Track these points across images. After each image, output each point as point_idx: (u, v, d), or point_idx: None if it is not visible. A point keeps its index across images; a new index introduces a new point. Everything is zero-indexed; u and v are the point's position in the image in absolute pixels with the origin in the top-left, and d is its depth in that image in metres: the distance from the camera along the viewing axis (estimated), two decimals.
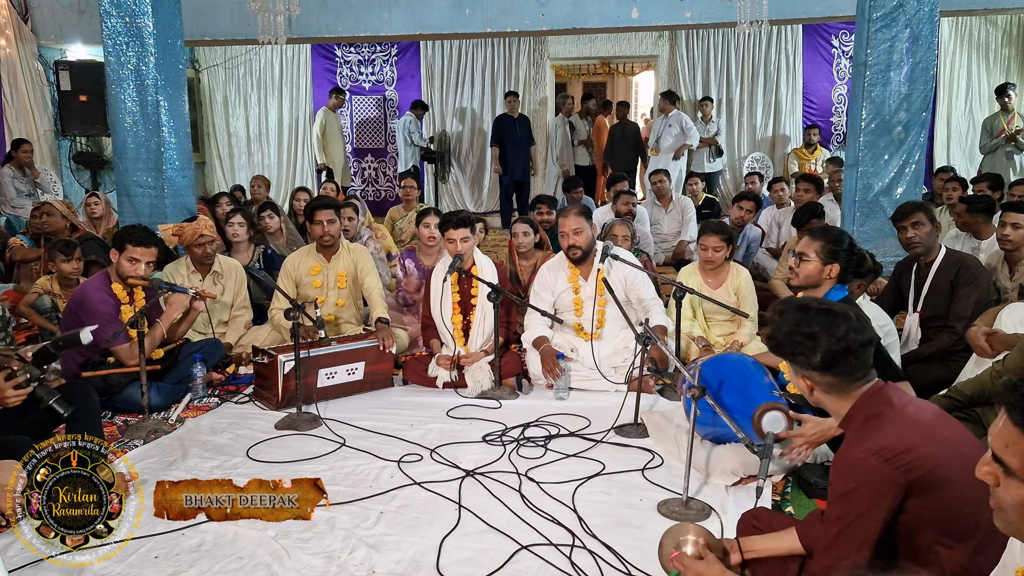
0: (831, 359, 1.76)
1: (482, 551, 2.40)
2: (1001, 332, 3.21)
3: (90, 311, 3.63)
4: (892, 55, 4.99)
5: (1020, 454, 1.17)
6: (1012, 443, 1.18)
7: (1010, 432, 1.19)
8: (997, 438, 1.21)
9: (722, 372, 3.01)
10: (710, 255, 4.27)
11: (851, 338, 1.74)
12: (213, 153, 11.41)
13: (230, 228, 5.17)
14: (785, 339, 1.84)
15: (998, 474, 1.21)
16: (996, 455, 1.21)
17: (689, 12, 7.92)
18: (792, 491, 2.83)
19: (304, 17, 7.71)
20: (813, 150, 9.39)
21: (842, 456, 1.72)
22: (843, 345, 1.74)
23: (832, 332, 1.76)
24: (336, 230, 4.39)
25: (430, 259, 4.90)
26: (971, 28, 9.96)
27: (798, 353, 1.81)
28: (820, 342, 1.76)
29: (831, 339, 1.75)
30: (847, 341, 1.74)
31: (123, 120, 5.61)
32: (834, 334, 1.75)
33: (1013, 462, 1.18)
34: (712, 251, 4.26)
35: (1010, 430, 1.19)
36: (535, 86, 10.65)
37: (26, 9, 8.68)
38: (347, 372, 3.90)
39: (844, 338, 1.74)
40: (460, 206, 10.51)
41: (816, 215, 5.24)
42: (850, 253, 2.99)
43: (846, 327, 1.75)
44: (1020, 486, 1.18)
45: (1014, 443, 1.18)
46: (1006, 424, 1.19)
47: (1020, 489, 1.18)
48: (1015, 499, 1.19)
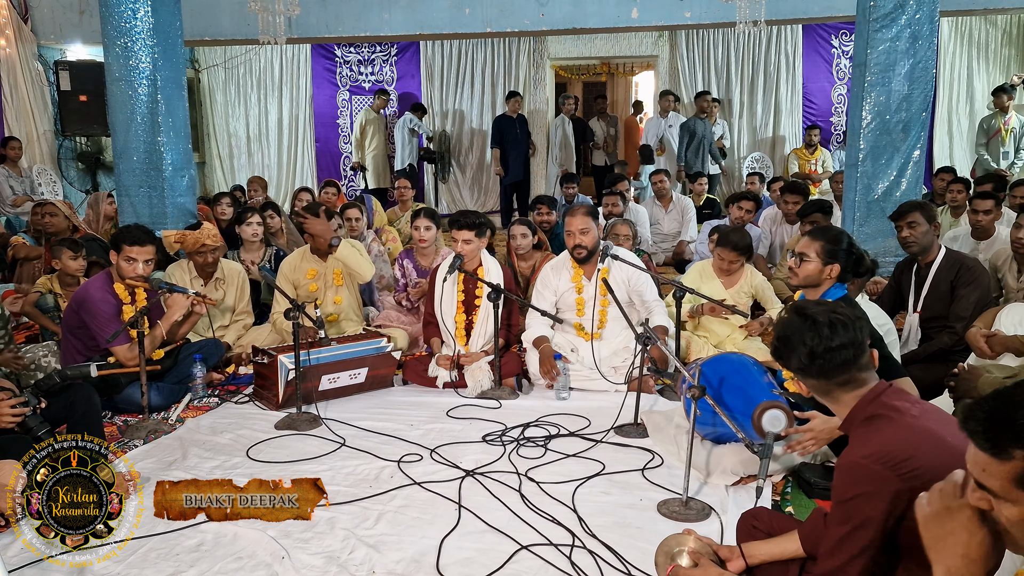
0: (803, 364, 1.80)
1: (482, 551, 2.40)
2: (1001, 333, 3.22)
3: (91, 311, 3.64)
4: (892, 55, 4.99)
5: (997, 477, 1.17)
6: (986, 467, 1.18)
7: (981, 458, 1.18)
8: (973, 466, 1.21)
9: (722, 371, 3.01)
10: (726, 266, 4.34)
11: (815, 344, 1.77)
12: (213, 153, 11.41)
13: (248, 228, 5.18)
14: (772, 342, 1.90)
15: (989, 499, 1.20)
16: (977, 482, 1.21)
17: (689, 12, 7.92)
18: (792, 491, 2.83)
19: (304, 17, 7.71)
20: (813, 150, 9.39)
21: (845, 460, 1.71)
22: (807, 350, 1.77)
23: (800, 338, 1.79)
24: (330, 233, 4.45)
25: (427, 259, 4.91)
26: (971, 28, 9.96)
27: (779, 356, 1.88)
28: (792, 347, 1.81)
29: (800, 345, 1.79)
30: (811, 347, 1.77)
31: (123, 120, 5.61)
32: (801, 340, 1.79)
33: (994, 485, 1.18)
34: (728, 263, 4.35)
35: (979, 455, 1.18)
36: (535, 86, 10.65)
37: (26, 9, 8.68)
38: (350, 376, 3.91)
39: (808, 344, 1.77)
40: (460, 206, 10.51)
41: (822, 210, 5.26)
42: (849, 253, 2.99)
43: (812, 333, 1.78)
44: (1012, 506, 1.17)
45: (987, 466, 1.18)
46: (975, 450, 1.19)
47: (1013, 509, 1.17)
48: (1011, 519, 1.18)
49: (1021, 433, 1.13)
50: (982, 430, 1.17)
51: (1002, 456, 1.15)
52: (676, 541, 1.92)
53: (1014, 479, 1.15)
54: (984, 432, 1.17)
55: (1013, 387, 1.18)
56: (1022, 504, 1.16)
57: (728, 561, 1.91)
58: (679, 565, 1.84)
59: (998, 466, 1.16)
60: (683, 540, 1.91)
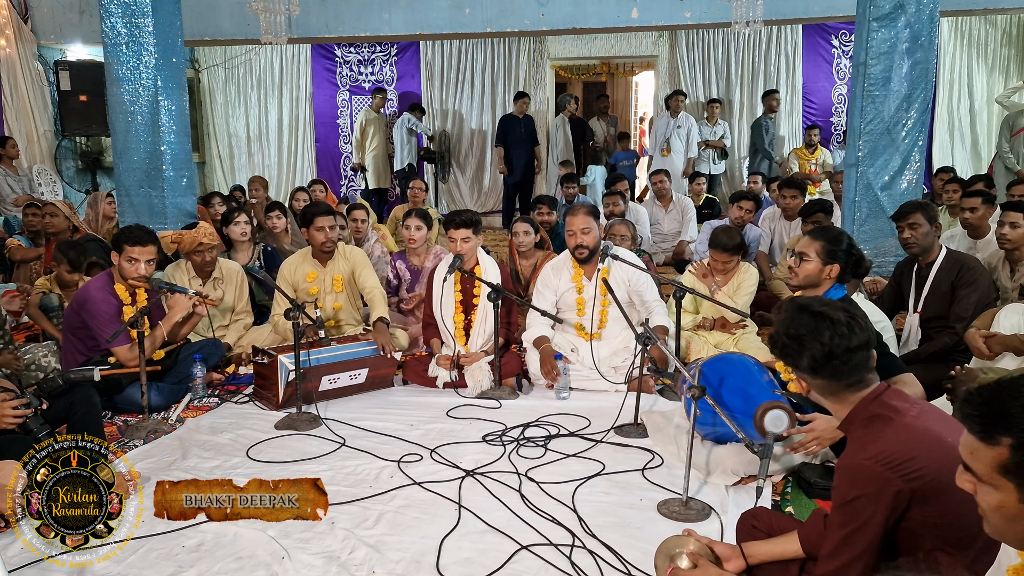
0: (816, 363, 1.75)
1: (482, 551, 2.40)
2: (1000, 334, 3.22)
3: (92, 311, 3.64)
4: (892, 55, 4.99)
5: (983, 461, 1.21)
6: (975, 451, 1.23)
7: (971, 441, 1.23)
8: (964, 448, 1.26)
9: (722, 371, 3.01)
10: (720, 267, 4.41)
11: (835, 343, 1.73)
12: (213, 153, 11.41)
13: (236, 228, 5.18)
14: (776, 339, 1.85)
15: (974, 482, 1.25)
16: (964, 463, 1.26)
17: (689, 12, 7.92)
18: (792, 491, 2.83)
19: (304, 17, 7.72)
20: (813, 150, 9.38)
21: (845, 461, 1.71)
22: (826, 351, 1.73)
23: (817, 336, 1.74)
24: (336, 236, 4.41)
25: (419, 259, 4.91)
26: (971, 28, 9.95)
27: (787, 355, 1.82)
28: (805, 345, 1.76)
29: (815, 344, 1.74)
30: (830, 347, 1.73)
31: (123, 120, 5.60)
32: (818, 339, 1.74)
33: (979, 469, 1.23)
34: (722, 264, 4.40)
35: (970, 439, 1.23)
36: (535, 86, 10.63)
37: (26, 9, 8.68)
38: (350, 377, 3.91)
39: (827, 343, 1.73)
40: (460, 206, 10.50)
41: (824, 210, 5.25)
42: (849, 253, 2.99)
43: (831, 332, 1.73)
44: (992, 491, 1.22)
45: (976, 451, 1.22)
46: (967, 433, 1.24)
47: (993, 494, 1.22)
48: (990, 504, 1.23)
49: (1011, 422, 1.17)
50: (977, 415, 1.22)
51: (990, 442, 1.20)
52: (676, 543, 1.92)
53: (998, 465, 1.19)
54: (979, 417, 1.21)
55: (1015, 378, 1.22)
56: (1002, 491, 1.20)
57: (727, 560, 1.90)
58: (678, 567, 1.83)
59: (985, 451, 1.21)
60: (683, 542, 1.91)
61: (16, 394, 2.72)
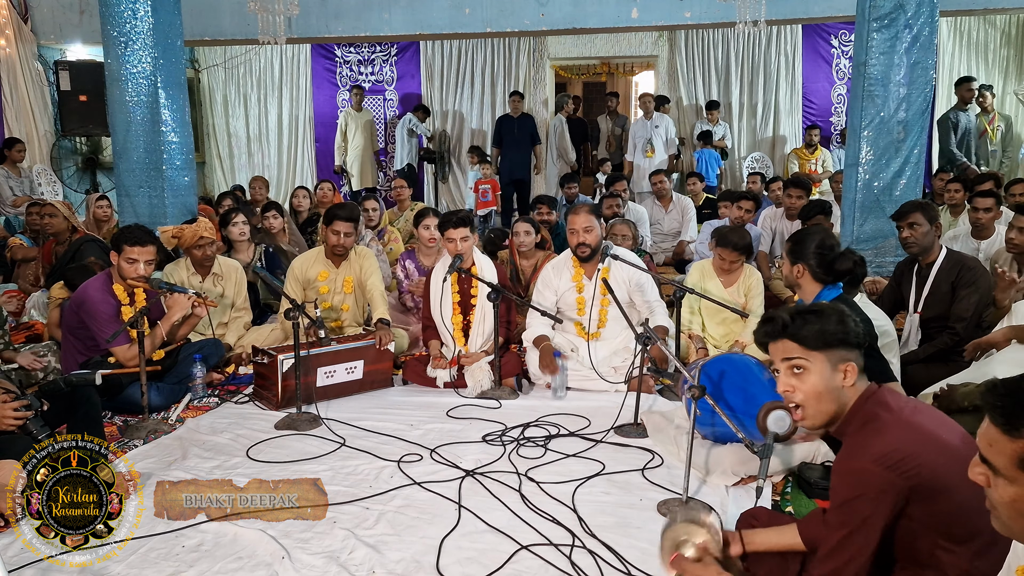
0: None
1: (482, 551, 2.40)
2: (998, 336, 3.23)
3: (91, 311, 3.64)
4: (892, 55, 4.99)
5: (1003, 453, 1.20)
6: (994, 442, 1.21)
7: (992, 432, 1.21)
8: (982, 439, 1.24)
9: (723, 370, 3.01)
10: (727, 266, 4.31)
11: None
12: (213, 153, 11.41)
13: (235, 228, 5.18)
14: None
15: (988, 475, 1.24)
16: (982, 456, 1.24)
17: (689, 12, 7.92)
18: (792, 491, 2.83)
19: (304, 17, 7.72)
20: (813, 150, 9.39)
21: (843, 462, 1.71)
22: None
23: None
24: (351, 243, 4.41)
25: (430, 259, 4.89)
26: (970, 28, 9.96)
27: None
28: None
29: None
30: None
31: (123, 120, 5.60)
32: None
33: (998, 461, 1.21)
34: (729, 263, 4.31)
35: (991, 430, 1.21)
36: (535, 86, 10.64)
37: (26, 9, 8.68)
38: (346, 371, 3.90)
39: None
40: (460, 206, 10.50)
41: (824, 212, 5.25)
42: (819, 253, 2.98)
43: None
44: (1008, 485, 1.21)
45: (996, 442, 1.21)
46: (988, 424, 1.22)
47: (1008, 488, 1.21)
48: (1003, 498, 1.22)
49: None
50: (1000, 405, 1.20)
51: (1013, 434, 1.18)
52: (686, 531, 1.89)
53: (1018, 458, 1.18)
54: (1002, 407, 1.20)
55: None
56: (1019, 484, 1.19)
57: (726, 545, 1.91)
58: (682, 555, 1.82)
59: (1007, 443, 1.19)
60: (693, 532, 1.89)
61: (17, 395, 2.72)
